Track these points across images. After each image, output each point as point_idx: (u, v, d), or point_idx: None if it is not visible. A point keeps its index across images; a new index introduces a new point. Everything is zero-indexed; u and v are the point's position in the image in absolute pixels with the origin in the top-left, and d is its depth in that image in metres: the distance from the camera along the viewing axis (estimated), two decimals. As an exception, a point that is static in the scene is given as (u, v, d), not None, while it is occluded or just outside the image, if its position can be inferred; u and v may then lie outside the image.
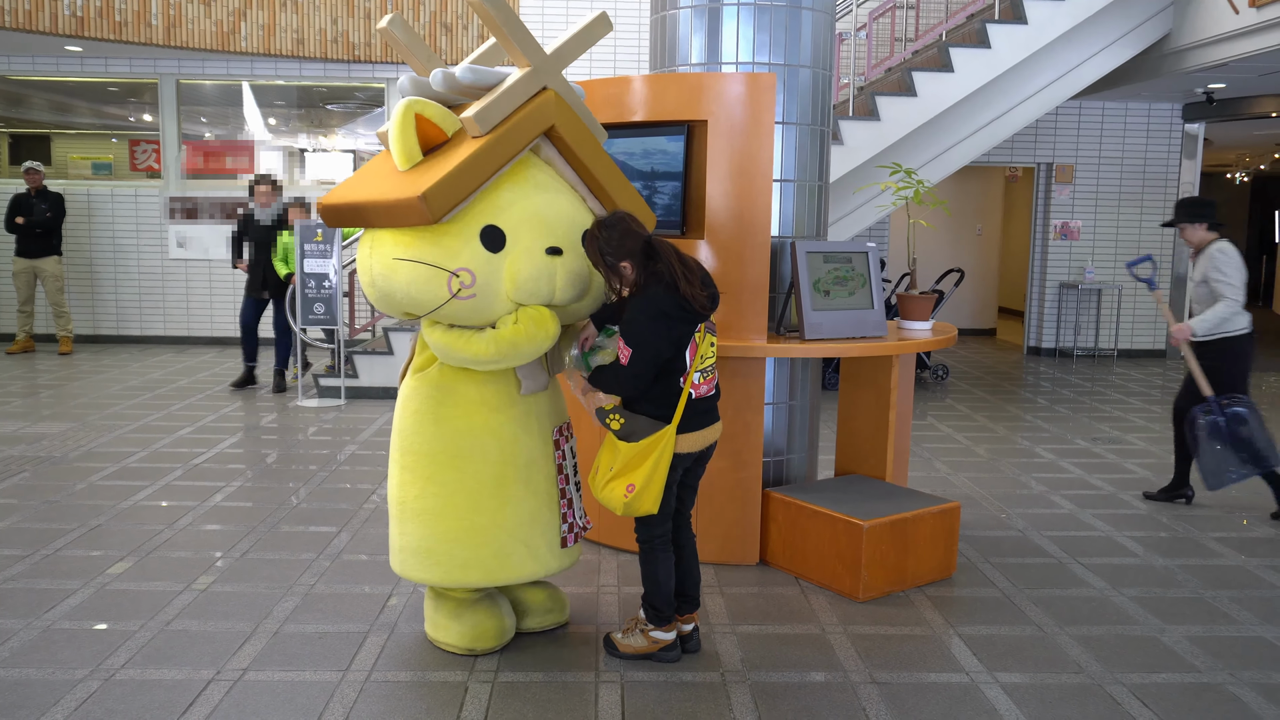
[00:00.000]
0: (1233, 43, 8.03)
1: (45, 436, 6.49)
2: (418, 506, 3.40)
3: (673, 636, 3.46)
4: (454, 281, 3.16)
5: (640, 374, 3.19)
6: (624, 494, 3.25)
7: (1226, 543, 4.82)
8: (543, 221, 3.25)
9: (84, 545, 4.50)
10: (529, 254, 3.20)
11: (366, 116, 11.10)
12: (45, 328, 10.53)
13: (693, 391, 3.30)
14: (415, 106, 3.18)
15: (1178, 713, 3.16)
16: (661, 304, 3.17)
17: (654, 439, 3.24)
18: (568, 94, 3.35)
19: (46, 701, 3.11)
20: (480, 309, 3.22)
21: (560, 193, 3.37)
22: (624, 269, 3.22)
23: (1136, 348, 11.38)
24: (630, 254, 3.20)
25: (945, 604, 4.02)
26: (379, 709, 3.12)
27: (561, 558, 3.57)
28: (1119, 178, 11.12)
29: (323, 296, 7.69)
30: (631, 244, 3.19)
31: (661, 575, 3.42)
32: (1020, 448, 6.77)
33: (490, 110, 3.17)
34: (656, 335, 3.17)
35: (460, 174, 3.08)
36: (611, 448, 3.33)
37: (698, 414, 3.34)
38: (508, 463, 3.38)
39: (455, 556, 3.38)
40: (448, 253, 3.17)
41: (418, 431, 3.40)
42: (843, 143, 7.75)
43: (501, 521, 3.38)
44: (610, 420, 3.29)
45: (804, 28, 4.50)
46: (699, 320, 3.26)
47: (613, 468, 3.29)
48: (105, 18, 9.37)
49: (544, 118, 3.26)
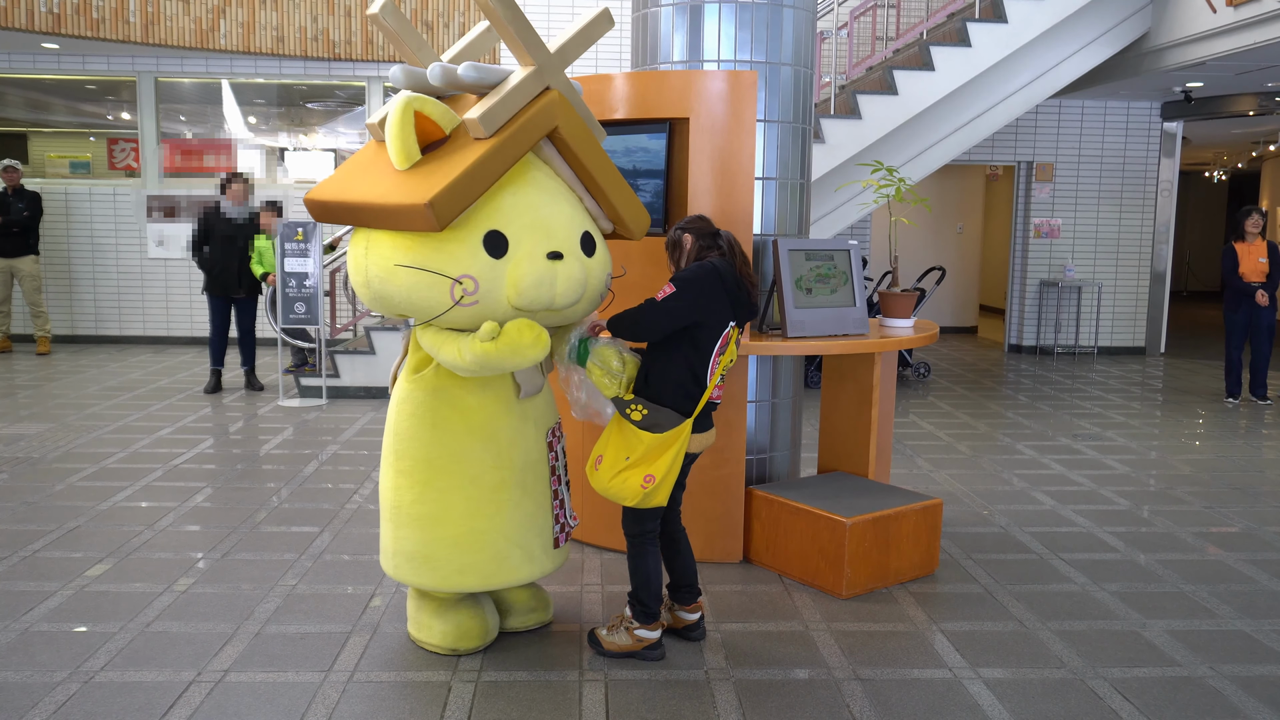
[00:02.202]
0: (1210, 41, 8.09)
1: (23, 437, 6.43)
2: (415, 512, 3.36)
3: (658, 635, 3.46)
4: (457, 289, 3.09)
5: (672, 312, 3.27)
6: (641, 484, 3.26)
7: (1206, 538, 4.86)
8: (544, 226, 3.19)
9: (63, 547, 4.46)
10: (531, 259, 3.14)
11: (347, 115, 11.04)
12: (23, 328, 10.43)
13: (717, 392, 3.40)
14: (415, 104, 3.09)
15: (1159, 706, 3.18)
16: (718, 265, 3.34)
17: (676, 431, 3.28)
18: (570, 93, 3.29)
19: (24, 704, 3.07)
20: (482, 315, 3.17)
21: (560, 195, 3.31)
22: (685, 240, 3.43)
23: (1116, 345, 11.46)
24: (696, 231, 3.44)
25: (928, 600, 4.04)
26: (362, 709, 3.10)
27: (555, 558, 3.56)
28: (1098, 176, 11.20)
29: (303, 296, 7.64)
30: (701, 226, 3.46)
31: (652, 570, 3.43)
32: (1001, 444, 6.80)
33: (495, 112, 3.08)
34: (702, 291, 3.29)
35: (467, 180, 3.00)
36: (623, 438, 3.33)
37: (705, 416, 3.41)
38: (505, 467, 3.35)
39: (453, 562, 3.35)
40: (451, 259, 3.09)
41: (414, 436, 3.35)
42: (824, 141, 7.76)
43: (499, 526, 3.35)
44: (631, 411, 3.30)
45: (785, 25, 4.50)
46: (739, 309, 3.38)
47: (629, 458, 3.29)
48: (82, 15, 9.28)
49: (549, 119, 3.19)
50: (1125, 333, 11.48)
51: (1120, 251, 11.33)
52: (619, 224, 3.53)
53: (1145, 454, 6.56)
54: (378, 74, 10.36)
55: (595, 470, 3.39)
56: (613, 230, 3.58)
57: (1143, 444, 6.85)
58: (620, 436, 3.34)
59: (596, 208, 3.47)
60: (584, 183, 3.42)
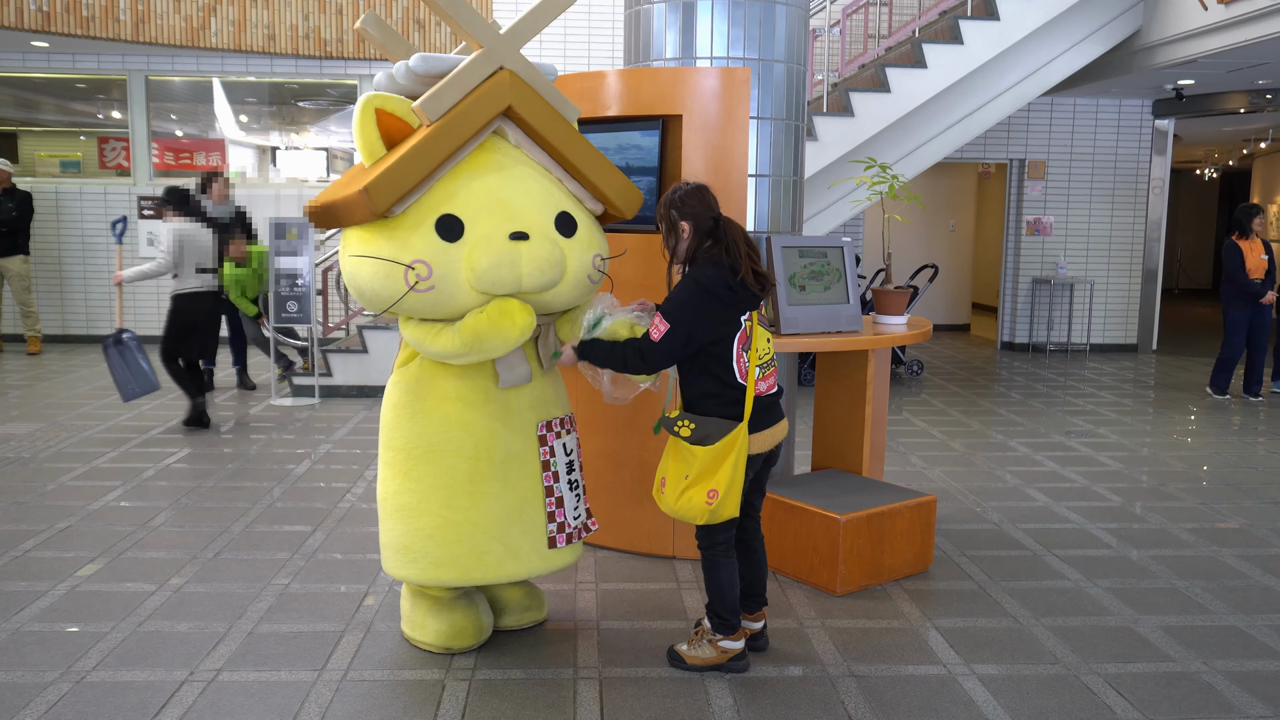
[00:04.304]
0: (1202, 39, 8.11)
1: (14, 437, 6.40)
2: (396, 503, 3.37)
3: (741, 645, 3.36)
4: (409, 274, 3.09)
5: (670, 351, 3.12)
6: (706, 501, 3.14)
7: (1199, 534, 4.87)
8: (504, 206, 3.15)
9: (54, 546, 4.44)
10: (489, 240, 3.10)
11: (339, 113, 11.01)
12: (14, 327, 10.39)
13: (757, 388, 3.22)
14: (375, 101, 3.12)
15: (1153, 702, 3.18)
16: (707, 282, 3.11)
17: (730, 439, 3.13)
18: (528, 73, 3.22)
19: (16, 704, 3.06)
20: (442, 301, 3.15)
21: (530, 177, 3.25)
22: (682, 229, 3.20)
23: (1108, 342, 11.49)
24: (693, 218, 3.18)
25: (922, 597, 4.04)
26: (355, 708, 3.09)
27: (549, 558, 3.44)
28: (1090, 173, 11.22)
29: (296, 294, 7.61)
30: (700, 210, 3.19)
31: (726, 583, 3.31)
32: (994, 442, 6.81)
33: (440, 96, 3.08)
34: (698, 313, 3.11)
35: (404, 164, 3.01)
36: (679, 456, 3.21)
37: (762, 411, 3.25)
38: (482, 458, 3.31)
39: (430, 554, 3.32)
40: (401, 245, 3.11)
41: (395, 426, 3.37)
42: (817, 139, 7.77)
43: (476, 519, 3.30)
44: (680, 427, 3.17)
45: (778, 22, 4.50)
46: (747, 306, 3.19)
47: (687, 476, 3.17)
48: (72, 13, 9.24)
49: (497, 99, 3.15)
50: (1117, 330, 11.51)
51: (1112, 249, 11.36)
52: (606, 203, 3.44)
53: (1137, 450, 6.57)
54: (369, 72, 10.33)
55: (661, 493, 3.27)
56: (604, 212, 3.49)
57: (1135, 440, 6.87)
58: (676, 455, 3.23)
59: (582, 190, 3.40)
60: (559, 163, 3.35)
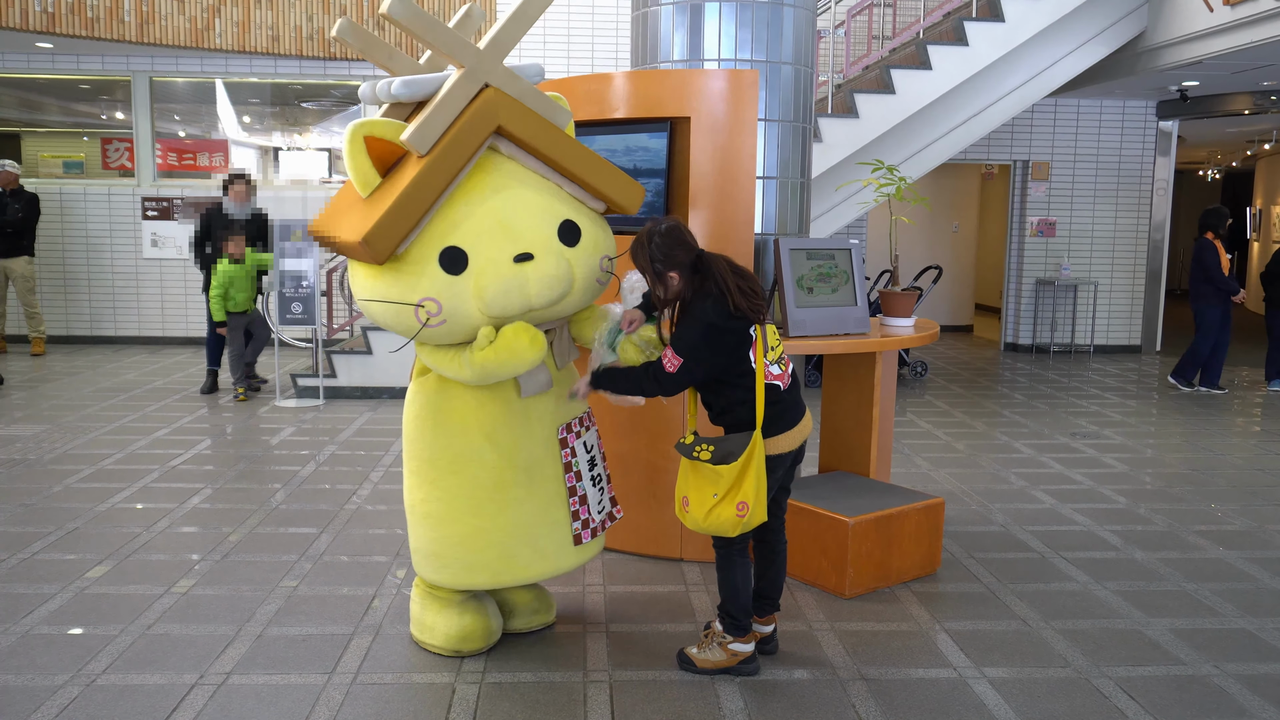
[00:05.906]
0: (1206, 41, 8.10)
1: (19, 439, 6.40)
2: (424, 510, 3.41)
3: (751, 648, 3.36)
4: (420, 313, 3.09)
5: (685, 382, 3.14)
6: (737, 514, 3.13)
7: (1206, 535, 4.86)
8: (505, 229, 3.10)
9: (61, 549, 4.43)
10: (494, 266, 3.07)
11: (342, 114, 11.01)
12: (18, 329, 10.39)
13: (779, 384, 3.20)
14: (363, 130, 3.04)
15: (1164, 705, 3.18)
16: (710, 317, 3.08)
17: (749, 450, 3.12)
18: (512, 85, 3.12)
19: (27, 708, 3.06)
20: (456, 330, 3.15)
21: (527, 191, 3.19)
22: (671, 279, 3.13)
23: (1112, 343, 11.48)
24: (679, 266, 3.11)
25: (930, 600, 4.03)
26: (365, 711, 3.09)
27: (576, 554, 3.49)
28: (1094, 174, 11.21)
29: (301, 296, 7.61)
30: (682, 256, 3.11)
31: (740, 583, 3.31)
32: (999, 443, 6.80)
33: (428, 126, 2.98)
34: (710, 348, 3.10)
35: (400, 209, 2.95)
36: (702, 475, 3.18)
37: (783, 408, 3.23)
38: (506, 466, 3.32)
39: (461, 559, 3.36)
40: (409, 287, 3.08)
41: (419, 438, 3.39)
42: (822, 140, 7.76)
43: (504, 524, 3.34)
44: (699, 453, 3.16)
45: (785, 24, 4.50)
46: (752, 321, 3.16)
47: (716, 494, 3.15)
48: (77, 14, 9.24)
49: (487, 121, 3.06)
50: (1121, 331, 11.50)
51: (1116, 250, 11.35)
52: (608, 203, 3.40)
53: (1142, 452, 6.57)
54: (373, 74, 10.32)
55: (685, 512, 3.26)
56: (606, 209, 3.44)
57: (1139, 442, 6.86)
58: (698, 474, 3.20)
59: (581, 193, 3.34)
60: (557, 171, 3.29)
